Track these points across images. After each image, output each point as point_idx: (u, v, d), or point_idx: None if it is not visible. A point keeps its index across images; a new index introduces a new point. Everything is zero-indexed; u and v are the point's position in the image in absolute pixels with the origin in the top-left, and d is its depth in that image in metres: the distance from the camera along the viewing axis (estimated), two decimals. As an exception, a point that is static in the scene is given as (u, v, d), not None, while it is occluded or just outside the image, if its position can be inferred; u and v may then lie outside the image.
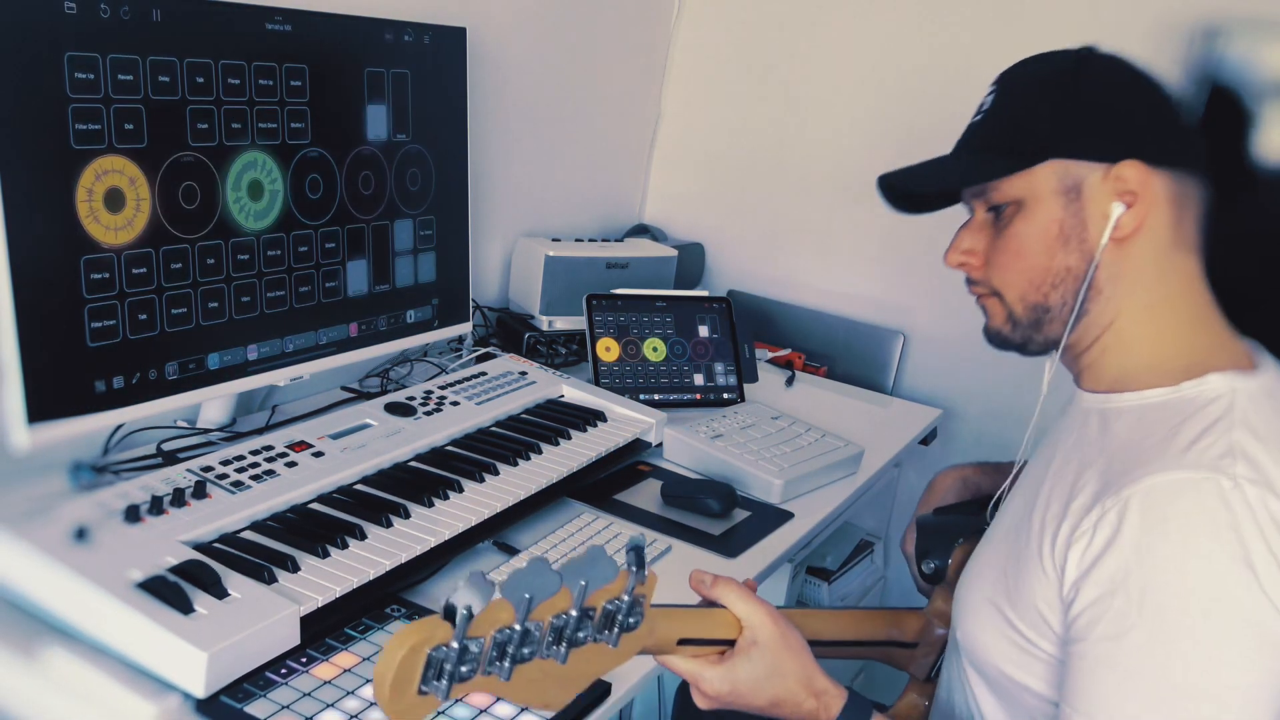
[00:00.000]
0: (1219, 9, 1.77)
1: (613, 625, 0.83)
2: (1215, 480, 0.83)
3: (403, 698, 0.71)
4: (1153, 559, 0.83)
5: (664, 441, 1.59)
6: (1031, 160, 0.96)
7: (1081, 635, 0.86)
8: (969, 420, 2.10)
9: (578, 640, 0.80)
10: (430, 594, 1.16)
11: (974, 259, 1.02)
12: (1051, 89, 0.97)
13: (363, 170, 1.47)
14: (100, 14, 1.12)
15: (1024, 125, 0.97)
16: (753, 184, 2.34)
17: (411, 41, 1.51)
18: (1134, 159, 0.93)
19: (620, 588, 0.82)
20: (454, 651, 0.72)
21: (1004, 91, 1.01)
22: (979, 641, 0.99)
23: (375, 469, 1.30)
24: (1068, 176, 0.95)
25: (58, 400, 1.13)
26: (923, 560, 1.20)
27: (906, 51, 2.11)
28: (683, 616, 0.93)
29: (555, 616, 0.78)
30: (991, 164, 0.98)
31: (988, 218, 1.01)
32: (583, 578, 0.78)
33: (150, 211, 1.19)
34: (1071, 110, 0.96)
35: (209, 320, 1.28)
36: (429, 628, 0.71)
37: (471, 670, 0.74)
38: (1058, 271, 0.97)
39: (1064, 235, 0.96)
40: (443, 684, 0.72)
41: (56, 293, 1.12)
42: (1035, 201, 0.97)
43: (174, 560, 1.02)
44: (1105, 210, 0.94)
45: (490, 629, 0.74)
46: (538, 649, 0.77)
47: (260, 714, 0.93)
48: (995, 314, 1.03)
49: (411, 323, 1.60)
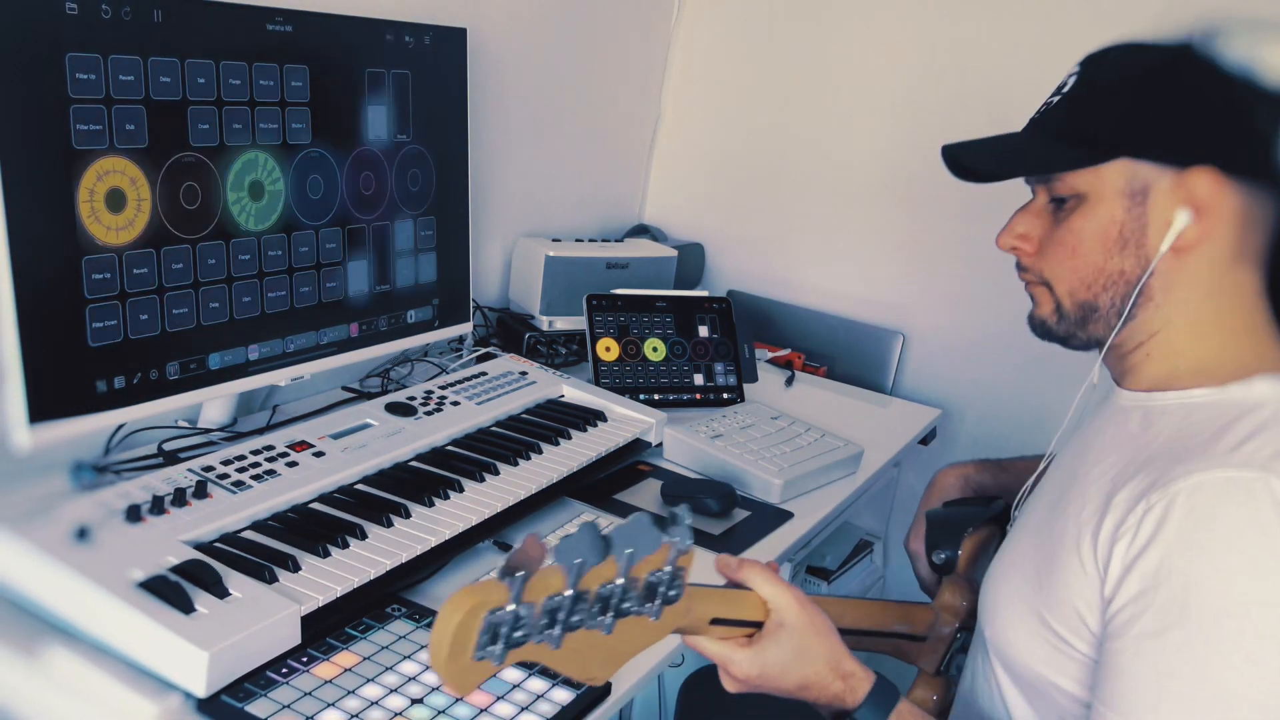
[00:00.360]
0: (1218, 8, 1.77)
1: (654, 597, 0.82)
2: (1266, 480, 0.81)
3: (458, 661, 0.70)
4: (1198, 555, 0.81)
5: (664, 441, 1.59)
6: (1101, 157, 0.93)
7: (1120, 631, 0.85)
8: (968, 420, 2.10)
9: (623, 611, 0.79)
10: (431, 593, 1.16)
11: (1028, 244, 1.00)
12: (1133, 84, 0.93)
13: (363, 171, 1.47)
14: (101, 14, 1.12)
15: (1099, 118, 0.94)
16: (753, 184, 2.34)
17: (412, 42, 1.51)
18: (1208, 165, 0.90)
19: (663, 559, 0.81)
20: (510, 615, 0.71)
21: (1085, 78, 0.97)
22: (1010, 641, 0.98)
23: (376, 469, 1.30)
24: (1136, 179, 0.92)
25: (59, 400, 1.13)
26: (933, 551, 1.21)
27: (906, 52, 2.10)
28: (714, 596, 0.92)
29: (601, 585, 0.77)
30: (1060, 154, 0.95)
31: (1047, 205, 0.99)
32: (629, 545, 0.77)
33: (151, 212, 1.20)
34: (1149, 108, 0.92)
35: (210, 320, 1.28)
36: (486, 590, 0.70)
37: (525, 636, 0.73)
38: (1111, 274, 0.95)
39: (1122, 238, 0.93)
40: (498, 649, 0.71)
41: (58, 293, 1.12)
42: (1098, 199, 0.94)
43: (175, 560, 1.02)
44: (1169, 218, 0.91)
45: (542, 595, 0.73)
46: (586, 617, 0.76)
47: (261, 713, 0.93)
48: (1043, 303, 1.01)
49: (412, 323, 1.61)
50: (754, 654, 0.92)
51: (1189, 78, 0.93)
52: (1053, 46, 1.94)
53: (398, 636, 1.06)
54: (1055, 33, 1.95)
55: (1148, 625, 0.83)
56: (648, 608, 0.82)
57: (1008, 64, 1.99)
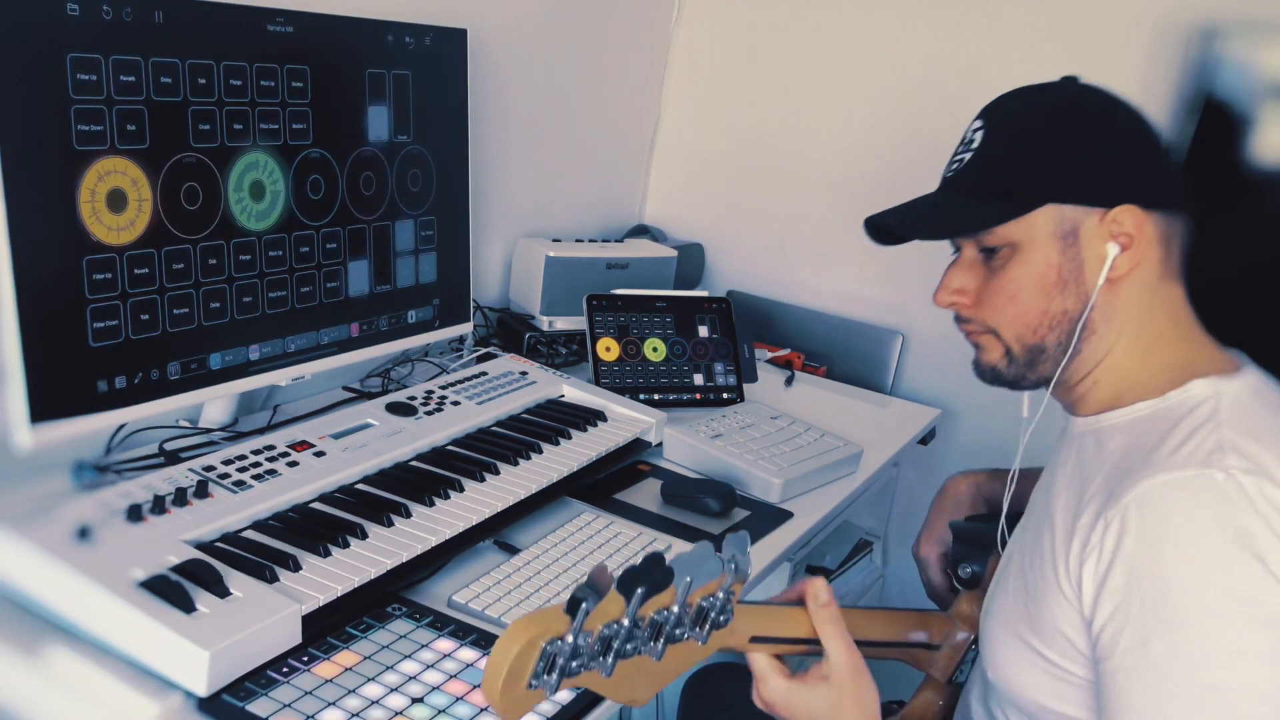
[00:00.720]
0: (1217, 11, 1.77)
1: (704, 623, 0.82)
2: (1208, 475, 0.83)
3: (513, 691, 0.70)
4: (1159, 562, 0.83)
5: (664, 441, 1.60)
6: (1028, 206, 0.95)
7: (1108, 652, 0.86)
8: (967, 420, 2.10)
9: (675, 637, 0.80)
10: (431, 592, 1.17)
11: (965, 298, 1.02)
12: (1046, 131, 0.97)
13: (364, 171, 1.47)
14: (103, 15, 1.12)
15: (1020, 169, 0.96)
16: (752, 185, 2.34)
17: (412, 43, 1.51)
18: (1130, 203, 0.94)
19: (717, 585, 0.81)
20: (569, 646, 0.71)
21: (993, 128, 0.99)
22: (1012, 679, 0.99)
23: (376, 468, 1.31)
24: (1065, 221, 0.95)
25: (60, 400, 1.14)
26: (960, 565, 1.22)
27: (906, 54, 2.11)
28: (756, 614, 0.93)
29: (657, 612, 0.77)
30: (986, 209, 0.97)
31: (977, 256, 1.01)
32: (688, 574, 0.77)
33: (152, 212, 1.20)
34: (1069, 155, 0.95)
35: (211, 320, 1.29)
36: (546, 620, 0.71)
37: (580, 665, 0.74)
38: (1054, 314, 0.97)
39: (1061, 279, 0.96)
40: (553, 678, 0.72)
41: (59, 293, 1.12)
42: (1031, 246, 0.96)
43: (176, 559, 1.02)
44: (1101, 252, 0.95)
45: (599, 623, 0.73)
46: (640, 644, 0.77)
47: (262, 712, 0.93)
48: (991, 350, 1.02)
49: (412, 323, 1.61)
50: (789, 688, 0.93)
51: (1093, 120, 0.97)
52: (1050, 47, 1.96)
53: (398, 636, 1.06)
54: (1056, 37, 1.95)
55: (1130, 640, 0.84)
56: (696, 632, 0.82)
57: (1005, 65, 1.99)
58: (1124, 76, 1.89)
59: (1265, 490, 0.82)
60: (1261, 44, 1.72)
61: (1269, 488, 0.82)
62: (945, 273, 1.03)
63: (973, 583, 1.20)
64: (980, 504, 1.35)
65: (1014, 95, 1.02)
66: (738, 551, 0.82)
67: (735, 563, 0.82)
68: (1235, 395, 0.91)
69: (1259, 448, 0.85)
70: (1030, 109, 0.99)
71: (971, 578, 1.20)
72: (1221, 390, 0.91)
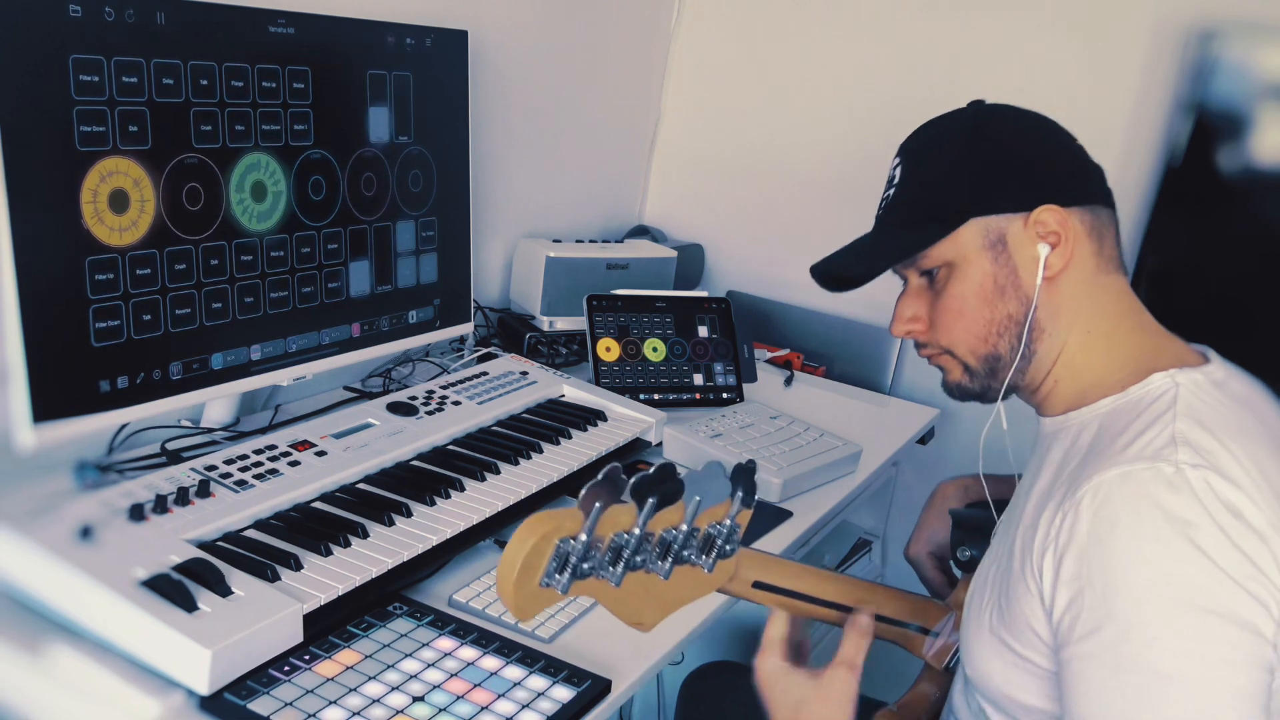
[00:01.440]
0: (1214, 12, 1.78)
1: (711, 549, 0.84)
2: (1156, 468, 0.85)
3: (525, 586, 0.71)
4: (1107, 553, 0.85)
5: (664, 441, 1.60)
6: (953, 225, 0.99)
7: (1065, 640, 0.88)
8: (965, 420, 2.11)
9: (682, 558, 0.81)
10: (432, 592, 1.17)
11: (919, 324, 1.06)
12: (956, 152, 1.01)
13: (365, 172, 1.47)
14: (105, 17, 1.12)
15: (938, 192, 1.01)
16: (751, 186, 2.34)
17: (413, 44, 1.51)
18: (1048, 204, 0.97)
19: (724, 512, 0.83)
20: (581, 545, 0.72)
21: (910, 162, 1.05)
22: (982, 670, 1.00)
23: (378, 468, 1.31)
24: (990, 232, 0.99)
25: (63, 400, 1.14)
26: (958, 548, 1.24)
27: (905, 57, 2.11)
28: (764, 561, 0.96)
29: (666, 530, 0.78)
30: (915, 237, 1.01)
31: (922, 282, 1.05)
32: (698, 493, 0.78)
33: (154, 213, 1.20)
34: (980, 169, 1.00)
35: (213, 320, 1.29)
36: (559, 518, 0.72)
37: (591, 569, 0.74)
38: (1000, 321, 1.00)
39: (999, 286, 0.99)
40: (565, 578, 0.73)
41: (62, 293, 1.13)
42: (965, 261, 1.00)
43: (178, 558, 1.03)
44: (1033, 254, 0.98)
45: (610, 530, 0.74)
46: (648, 559, 0.78)
47: (263, 711, 0.93)
48: (952, 369, 1.06)
49: (413, 323, 1.61)
50: (780, 670, 1.00)
51: (997, 133, 1.01)
52: (1050, 50, 1.96)
53: (399, 634, 1.07)
54: (1052, 38, 1.96)
55: (1084, 628, 0.86)
56: (703, 559, 0.84)
57: (1005, 69, 2.00)
58: (1121, 79, 1.92)
59: (1212, 483, 0.84)
60: (1258, 46, 1.72)
61: (1216, 480, 0.84)
62: (896, 305, 1.07)
63: (971, 566, 1.21)
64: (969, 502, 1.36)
65: (924, 127, 1.07)
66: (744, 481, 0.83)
67: (742, 489, 0.83)
68: (1194, 387, 0.93)
69: (1211, 441, 0.87)
70: (937, 136, 1.05)
71: (970, 561, 1.22)
72: (1180, 382, 0.93)
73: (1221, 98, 1.74)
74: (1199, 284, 1.81)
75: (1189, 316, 1.04)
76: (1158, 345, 1.00)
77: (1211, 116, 1.76)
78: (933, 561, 1.34)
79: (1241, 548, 0.82)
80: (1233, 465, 0.86)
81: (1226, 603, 0.81)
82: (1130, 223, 1.87)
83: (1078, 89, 1.92)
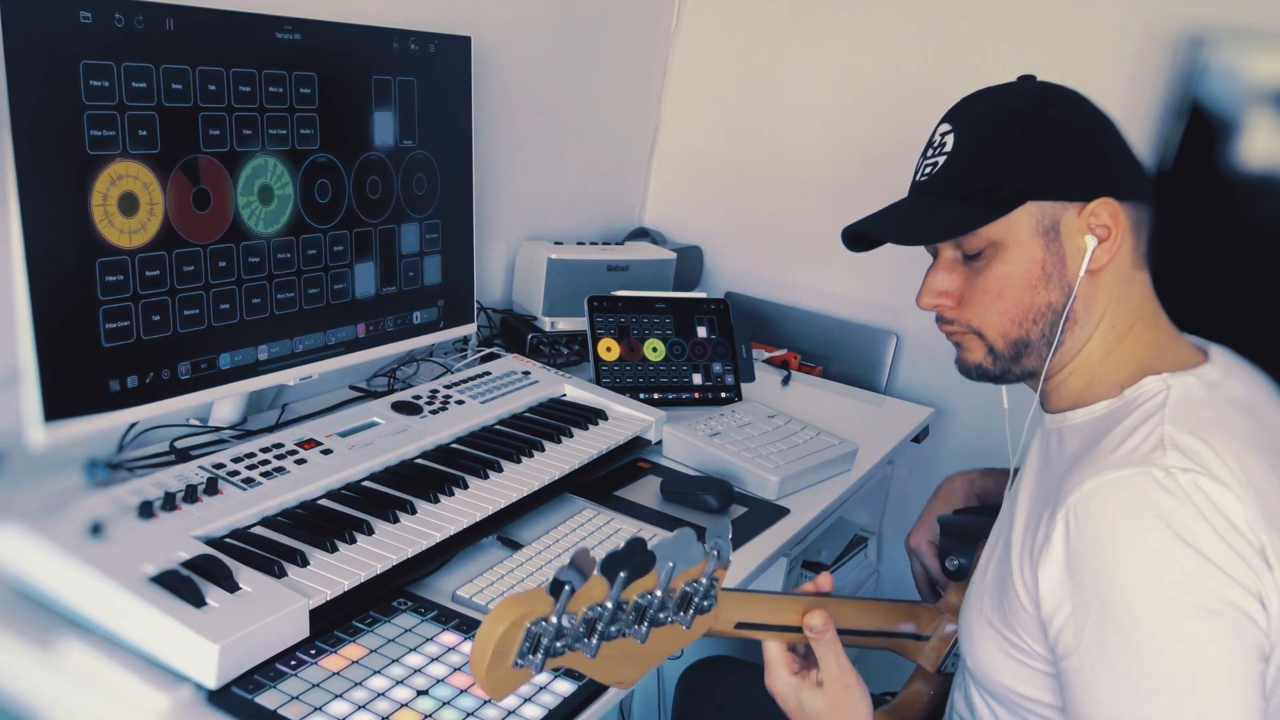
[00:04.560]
0: (1203, 17, 1.79)
1: (688, 607, 0.84)
2: (1147, 473, 0.85)
3: (498, 669, 0.72)
4: (1105, 561, 0.85)
5: (663, 439, 1.61)
6: (1009, 206, 0.96)
7: (1070, 649, 0.88)
8: (960, 418, 2.12)
9: (659, 620, 0.82)
10: (436, 587, 1.18)
11: (949, 299, 1.03)
12: (1018, 132, 0.98)
13: (370, 175, 1.48)
14: (115, 24, 1.13)
15: (996, 171, 0.97)
16: (750, 189, 2.36)
17: (417, 50, 1.52)
18: (1106, 196, 0.96)
19: (700, 571, 0.83)
20: (553, 626, 0.73)
21: (966, 132, 1.00)
22: (984, 665, 1.01)
23: (382, 466, 1.32)
24: (1045, 217, 0.97)
25: (74, 399, 1.15)
26: (946, 558, 1.24)
27: (901, 60, 2.12)
28: (743, 601, 0.95)
29: (641, 596, 0.79)
30: (969, 214, 0.98)
31: (956, 255, 1.02)
32: (671, 559, 0.79)
33: (163, 215, 1.21)
34: (1044, 153, 0.97)
35: (220, 321, 1.30)
36: (530, 601, 0.73)
37: (565, 646, 0.75)
38: (1040, 308, 0.98)
39: (1045, 273, 0.97)
40: (538, 658, 0.74)
41: (72, 295, 1.14)
42: (1015, 244, 0.97)
43: (186, 555, 1.03)
44: (1081, 244, 0.97)
45: (584, 605, 0.75)
46: (624, 626, 0.79)
47: (270, 704, 0.94)
48: (974, 349, 1.04)
49: (418, 324, 1.62)
50: (795, 685, 0.99)
51: (1061, 117, 0.98)
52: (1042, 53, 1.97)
53: (404, 630, 1.08)
54: (1046, 42, 1.97)
55: (1090, 639, 0.86)
56: (681, 616, 0.84)
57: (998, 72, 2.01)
58: (1112, 82, 1.93)
59: (1202, 485, 0.84)
60: (1247, 50, 1.74)
61: (1206, 483, 0.84)
62: (926, 276, 1.04)
63: (959, 574, 1.22)
64: (973, 499, 1.37)
65: (977, 99, 1.03)
66: (720, 539, 0.84)
67: (718, 549, 0.84)
68: (1184, 390, 0.93)
69: (1200, 444, 0.87)
70: (997, 111, 1.01)
71: (958, 570, 1.22)
72: (1171, 385, 0.93)
73: (1212, 102, 1.75)
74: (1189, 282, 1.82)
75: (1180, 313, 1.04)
76: (1163, 346, 0.99)
77: (1201, 120, 1.76)
78: (932, 550, 1.34)
79: (1231, 544, 0.83)
80: (1219, 466, 0.86)
81: (1226, 598, 0.82)
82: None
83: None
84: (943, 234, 1.01)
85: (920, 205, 1.03)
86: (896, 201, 1.06)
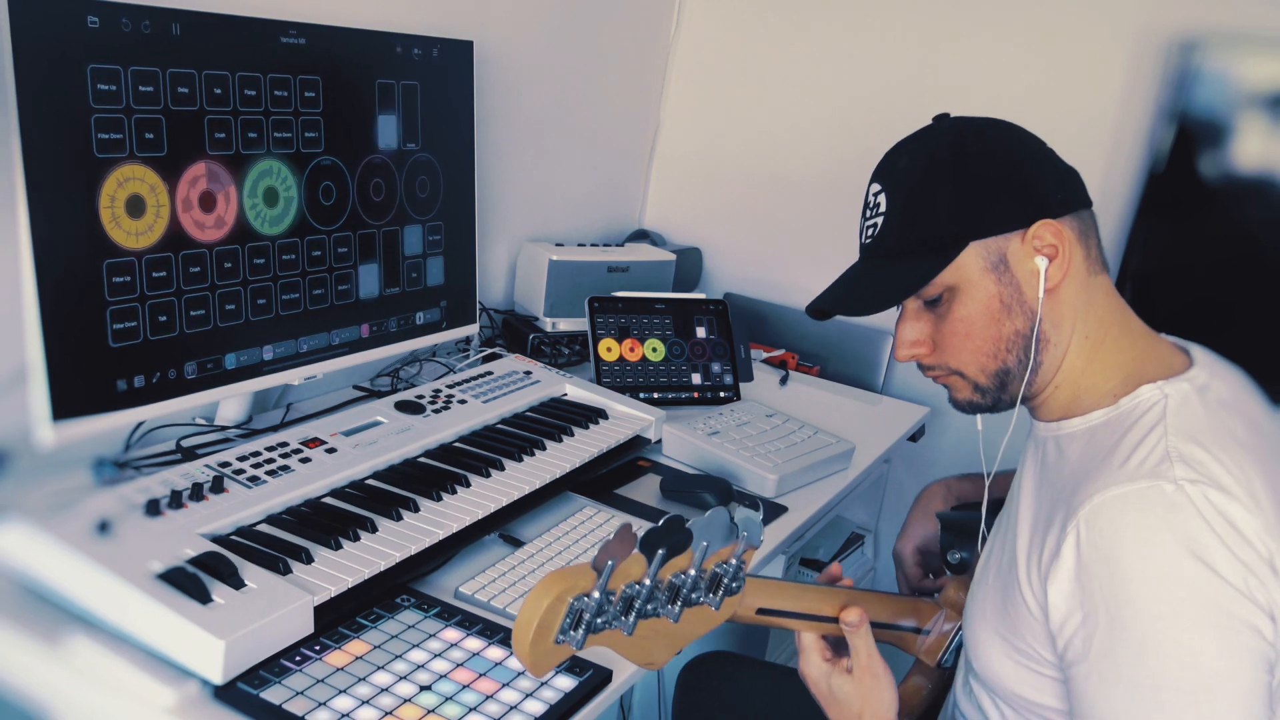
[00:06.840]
0: (1195, 23, 1.80)
1: (718, 588, 0.85)
2: (1157, 486, 0.86)
3: (541, 645, 0.73)
4: (1116, 573, 0.86)
5: (663, 438, 1.62)
6: (953, 253, 0.98)
7: (1079, 657, 0.89)
8: (955, 418, 2.12)
9: (691, 600, 0.83)
10: (439, 584, 1.19)
11: (923, 348, 1.04)
12: (943, 177, 0.99)
13: (374, 178, 1.49)
14: (122, 28, 1.14)
15: (932, 221, 0.99)
16: (748, 191, 2.36)
17: (421, 54, 1.53)
18: (1042, 218, 0.97)
19: (731, 552, 0.84)
20: (595, 602, 0.74)
21: (894, 190, 1.02)
22: (992, 670, 1.02)
23: (386, 464, 1.32)
24: (991, 253, 0.98)
25: (81, 399, 1.16)
26: (948, 552, 1.25)
27: (898, 65, 2.13)
28: (764, 588, 0.97)
29: (675, 575, 0.80)
30: (917, 270, 0.99)
31: (919, 304, 1.03)
32: (705, 539, 0.80)
33: (169, 217, 1.22)
34: (973, 193, 0.98)
35: (226, 322, 1.31)
36: (573, 576, 0.73)
37: (605, 622, 0.76)
38: (1009, 338, 0.99)
39: (1005, 305, 0.99)
40: (579, 634, 0.74)
41: (80, 295, 1.14)
42: (968, 284, 0.99)
43: (193, 552, 1.04)
44: (1032, 267, 0.98)
45: (621, 583, 0.76)
46: (659, 605, 0.79)
47: (275, 699, 0.95)
48: (961, 389, 1.05)
49: (421, 324, 1.63)
50: (828, 671, 1.04)
51: (981, 152, 0.99)
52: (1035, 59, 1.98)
53: (407, 626, 1.08)
54: (1040, 46, 1.98)
55: (1094, 649, 0.88)
56: (710, 598, 0.85)
57: (993, 78, 2.02)
58: (1104, 88, 1.94)
59: (1211, 497, 0.85)
60: (1238, 56, 1.74)
61: (1215, 494, 0.85)
62: (896, 330, 1.05)
63: (961, 568, 1.24)
64: (953, 502, 1.39)
65: (900, 151, 1.05)
66: (750, 521, 0.85)
67: (747, 531, 0.85)
68: (1181, 398, 0.94)
69: (1204, 454, 0.88)
70: (920, 161, 1.02)
71: (960, 563, 1.24)
72: (1169, 393, 0.94)
73: (1203, 106, 1.76)
74: (1180, 284, 1.83)
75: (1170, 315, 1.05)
76: (1145, 350, 1.00)
77: (1193, 124, 1.77)
78: (917, 557, 1.36)
79: (1241, 558, 0.83)
80: (1225, 476, 0.87)
81: (1235, 613, 0.83)
82: (1115, 226, 1.89)
83: (1063, 97, 1.94)
84: (895, 298, 1.03)
85: (869, 269, 1.05)
86: (848, 269, 1.08)
